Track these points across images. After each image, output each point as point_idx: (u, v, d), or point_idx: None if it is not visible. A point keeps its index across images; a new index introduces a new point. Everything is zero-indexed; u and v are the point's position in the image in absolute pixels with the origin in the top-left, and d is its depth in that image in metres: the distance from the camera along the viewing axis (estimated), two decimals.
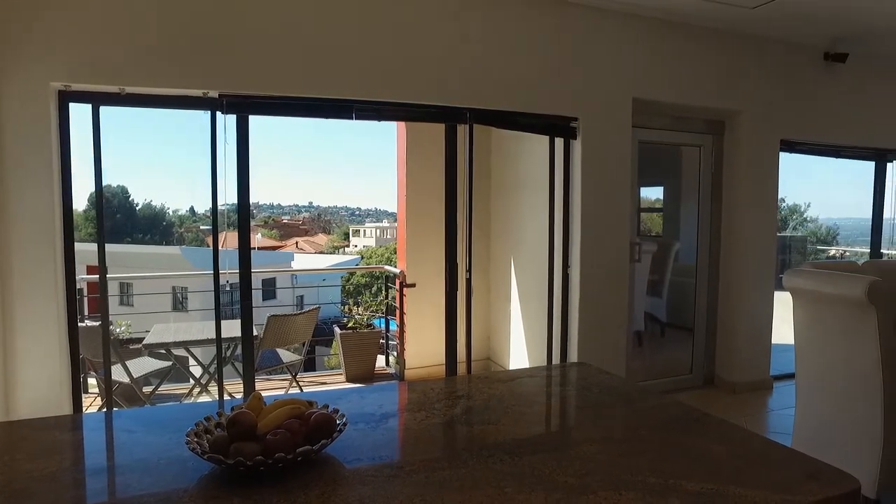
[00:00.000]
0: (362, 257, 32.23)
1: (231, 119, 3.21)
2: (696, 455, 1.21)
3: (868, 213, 5.64)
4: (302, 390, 4.46)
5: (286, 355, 4.55)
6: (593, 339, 4.09)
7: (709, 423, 1.40)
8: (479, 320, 5.35)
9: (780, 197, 4.99)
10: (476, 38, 3.65)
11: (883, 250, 5.83)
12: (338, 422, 1.24)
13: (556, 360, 4.22)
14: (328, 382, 5.22)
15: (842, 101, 5.07)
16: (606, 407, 1.51)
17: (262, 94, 3.23)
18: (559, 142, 4.09)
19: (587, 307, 4.05)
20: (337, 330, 5.25)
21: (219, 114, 3.15)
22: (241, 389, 3.83)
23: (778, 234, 14.76)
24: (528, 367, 1.93)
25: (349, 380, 5.13)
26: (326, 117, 3.46)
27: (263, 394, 1.31)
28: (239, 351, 3.66)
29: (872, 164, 5.46)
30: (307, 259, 28.74)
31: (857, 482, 1.10)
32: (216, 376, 3.87)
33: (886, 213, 5.48)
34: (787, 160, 5.00)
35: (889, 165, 5.46)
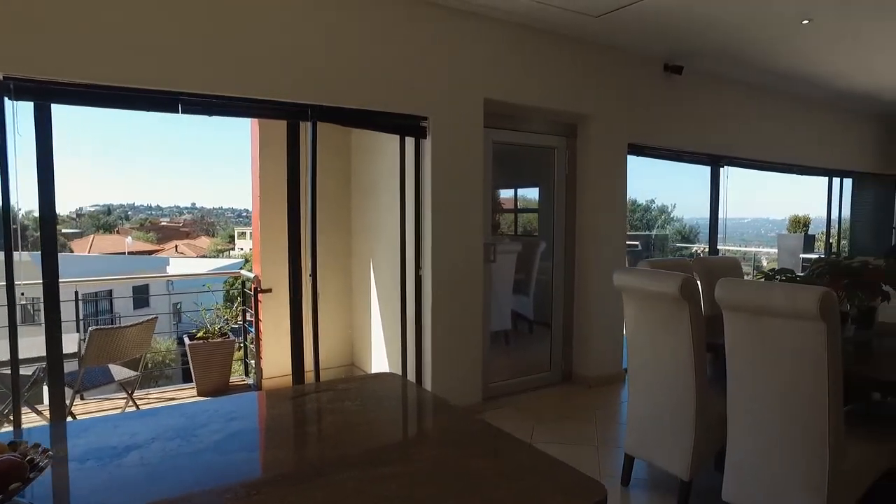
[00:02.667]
0: (247, 261, 30.76)
1: (26, 106, 2.81)
2: (458, 474, 1.13)
3: (722, 213, 6.10)
4: (138, 408, 4.06)
5: (122, 372, 4.12)
6: (448, 341, 4.06)
7: (485, 438, 1.33)
8: (342, 324, 5.17)
9: (651, 198, 5.25)
10: (321, 31, 3.47)
11: (719, 246, 6.33)
12: (40, 463, 1.04)
13: (411, 363, 4.14)
14: (177, 398, 4.81)
15: (680, 109, 5.44)
16: (390, 424, 1.40)
17: (65, 79, 2.85)
18: (410, 141, 4.01)
19: (441, 309, 4.01)
20: (186, 341, 4.85)
21: (6, 99, 2.74)
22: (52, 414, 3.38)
23: (645, 233, 15.73)
24: (334, 378, 1.82)
25: (201, 394, 4.76)
26: (147, 110, 3.12)
27: (93, 415, 1.08)
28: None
29: (709, 168, 5.91)
30: (187, 264, 26.93)
31: (604, 491, 1.08)
32: (28, 400, 3.39)
33: (721, 213, 5.96)
34: (659, 165, 5.28)
35: (721, 170, 5.94)
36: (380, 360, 4.68)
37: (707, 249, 6.52)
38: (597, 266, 4.88)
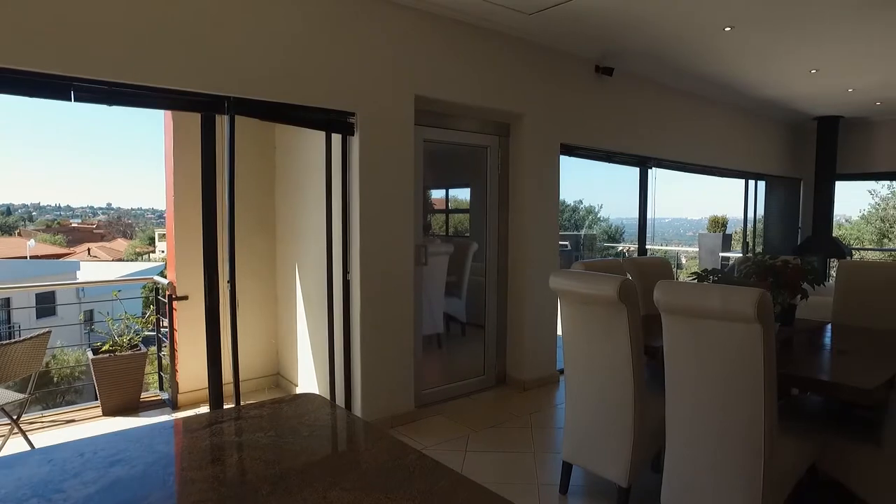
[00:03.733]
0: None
1: None
2: None
3: (650, 214, 6.21)
4: (26, 435, 3.61)
5: (5, 395, 3.65)
6: (378, 347, 3.87)
7: (418, 475, 1.17)
8: (266, 332, 4.87)
9: (578, 199, 5.25)
10: (240, 15, 3.20)
11: (647, 246, 6.46)
12: None
13: (339, 372, 3.92)
14: (79, 420, 4.35)
15: (611, 111, 5.49)
16: (306, 460, 1.21)
17: None
18: (337, 138, 3.79)
19: (370, 315, 3.81)
20: (90, 355, 4.40)
21: None
22: None
23: (574, 233, 16.06)
24: (249, 402, 1.60)
25: (107, 413, 4.33)
26: (32, 96, 2.76)
27: None
28: None
29: (637, 169, 6.01)
30: (100, 268, 25.19)
31: None
32: None
33: (649, 214, 6.08)
34: (585, 165, 5.27)
35: (649, 171, 6.05)
36: (307, 369, 4.43)
37: (632, 248, 6.66)
38: (530, 266, 4.83)
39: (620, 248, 16.40)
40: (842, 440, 2.56)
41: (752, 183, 8.03)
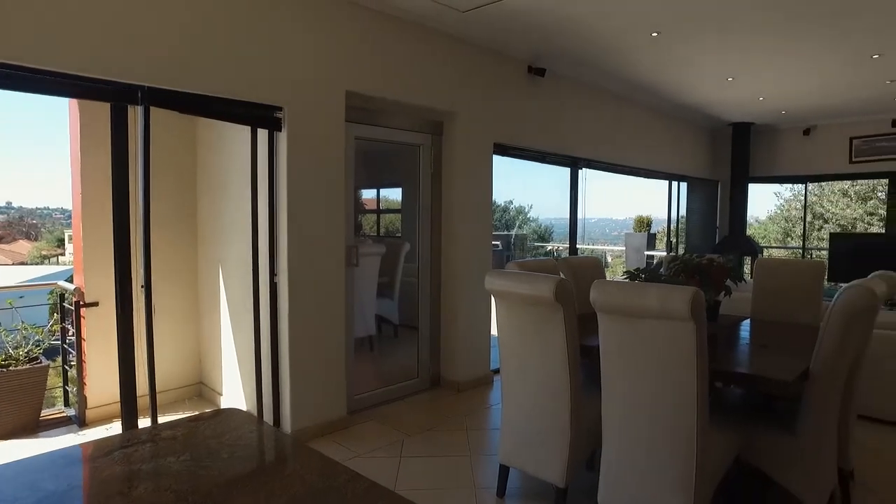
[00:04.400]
0: None
1: None
2: None
3: (580, 214, 6.31)
4: None
5: None
6: (308, 353, 3.71)
7: (351, 499, 1.07)
8: (188, 340, 4.58)
9: (509, 199, 5.25)
10: (158, 1, 2.96)
11: (578, 245, 6.59)
12: None
13: (267, 380, 3.73)
14: None
15: (543, 111, 5.54)
16: (224, 492, 1.08)
17: None
18: (263, 134, 3.60)
19: (299, 319, 3.65)
20: None
21: None
22: None
23: (506, 233, 16.24)
24: (163, 421, 1.46)
25: (1, 436, 3.92)
26: None
27: None
28: None
29: (568, 170, 6.11)
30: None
31: None
32: None
33: (580, 214, 6.20)
34: (515, 166, 5.28)
35: (580, 172, 6.17)
36: (233, 377, 4.19)
37: (562, 248, 6.79)
38: (463, 266, 4.80)
39: (550, 248, 16.77)
40: (762, 430, 2.66)
41: (675, 184, 8.37)
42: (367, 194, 5.03)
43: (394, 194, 5.11)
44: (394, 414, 4.26)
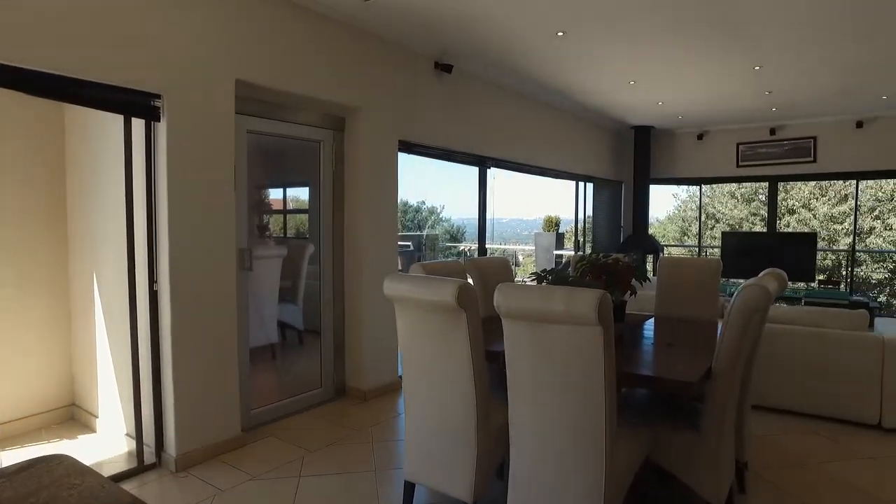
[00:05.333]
0: None
1: None
2: None
3: (489, 214, 6.25)
4: None
5: None
6: (194, 367, 3.36)
7: None
8: (58, 356, 4.05)
9: (421, 199, 5.08)
10: None
11: (487, 245, 6.55)
12: None
13: (147, 399, 3.34)
14: None
15: (450, 109, 5.43)
16: None
17: None
18: (139, 124, 3.21)
19: (183, 330, 3.29)
20: None
21: None
22: None
23: (417, 233, 16.12)
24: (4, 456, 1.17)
25: None
26: None
27: None
28: None
29: (476, 169, 6.04)
30: None
31: None
32: None
33: (489, 214, 6.14)
34: (427, 165, 5.11)
35: (488, 171, 6.12)
36: (110, 398, 3.74)
37: (474, 248, 6.72)
38: (367, 269, 4.58)
39: (462, 248, 16.83)
40: (668, 430, 2.65)
41: (581, 184, 8.56)
42: (276, 193, 4.71)
43: (304, 194, 4.82)
44: (295, 428, 3.97)
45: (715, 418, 2.50)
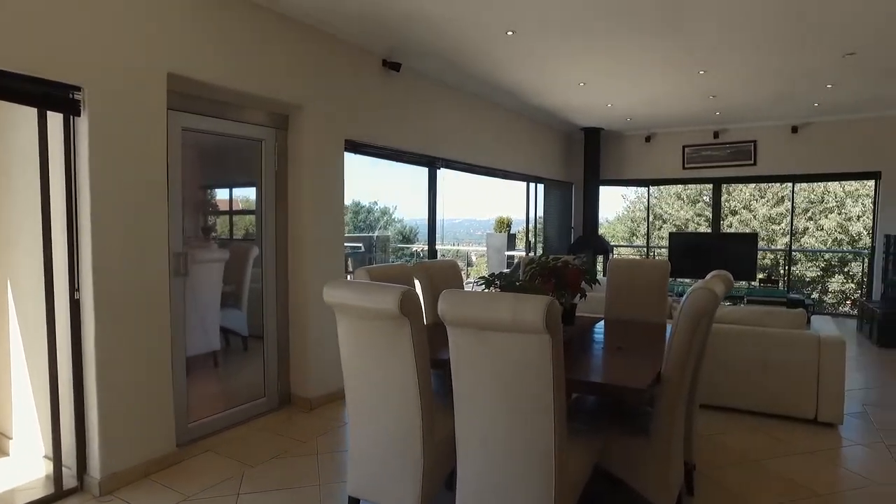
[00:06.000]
0: None
1: None
2: None
3: (440, 214, 6.16)
4: None
5: None
6: (121, 380, 3.12)
7: None
8: None
9: (374, 199, 4.94)
10: None
11: (440, 246, 6.46)
12: None
13: (68, 417, 3.08)
14: None
15: (399, 108, 5.31)
16: None
17: None
18: (56, 119, 2.96)
19: (109, 340, 3.05)
20: None
21: None
22: None
23: (368, 234, 15.88)
24: None
25: None
26: None
27: None
28: None
29: (426, 169, 5.94)
30: None
31: None
32: None
33: (441, 215, 6.06)
34: (382, 165, 4.97)
35: (438, 172, 6.03)
36: (26, 416, 3.45)
37: (426, 248, 6.63)
38: (312, 272, 4.41)
39: (415, 249, 16.72)
40: (618, 436, 2.61)
41: (532, 185, 8.57)
42: (225, 194, 4.49)
43: (253, 194, 4.60)
44: (236, 441, 3.77)
45: (665, 423, 2.47)
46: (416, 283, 3.64)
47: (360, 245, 12.77)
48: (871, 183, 8.54)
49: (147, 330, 3.24)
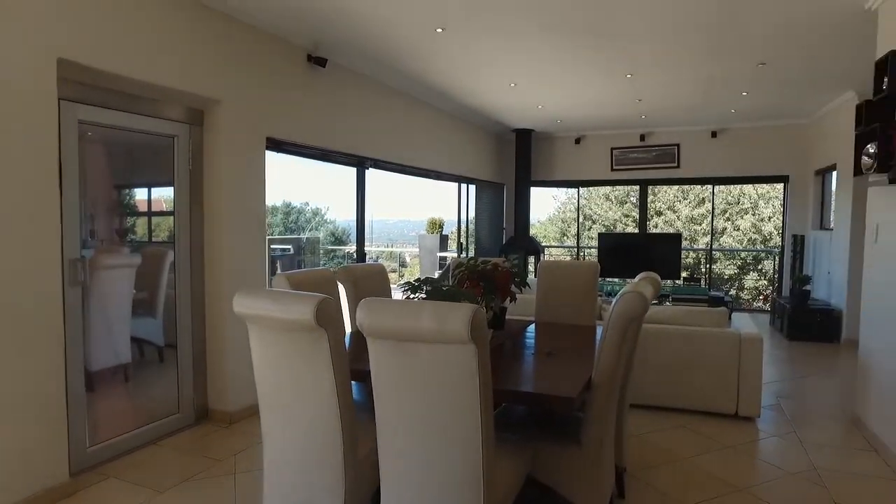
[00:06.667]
0: None
1: None
2: None
3: (376, 216, 5.98)
4: None
5: None
6: (2, 405, 2.78)
7: None
8: None
9: (305, 200, 4.70)
10: None
11: (376, 248, 6.27)
12: None
13: None
14: None
15: (326, 105, 5.09)
16: None
17: None
18: None
19: None
20: None
21: None
22: None
23: (296, 236, 15.41)
24: None
25: None
26: None
27: None
28: None
29: (354, 169, 5.74)
30: None
31: None
32: None
33: (378, 216, 5.88)
34: (314, 165, 4.73)
35: (367, 172, 5.85)
36: None
37: (353, 251, 6.44)
38: (231, 278, 4.13)
39: (347, 251, 16.38)
40: (549, 445, 2.54)
41: (464, 186, 8.52)
42: (144, 194, 4.15)
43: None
44: (144, 464, 3.46)
45: (596, 429, 2.42)
46: (341, 288, 3.47)
47: (289, 247, 12.37)
48: (781, 186, 9.03)
49: (35, 345, 2.90)
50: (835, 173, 7.20)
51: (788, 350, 6.59)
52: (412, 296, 2.67)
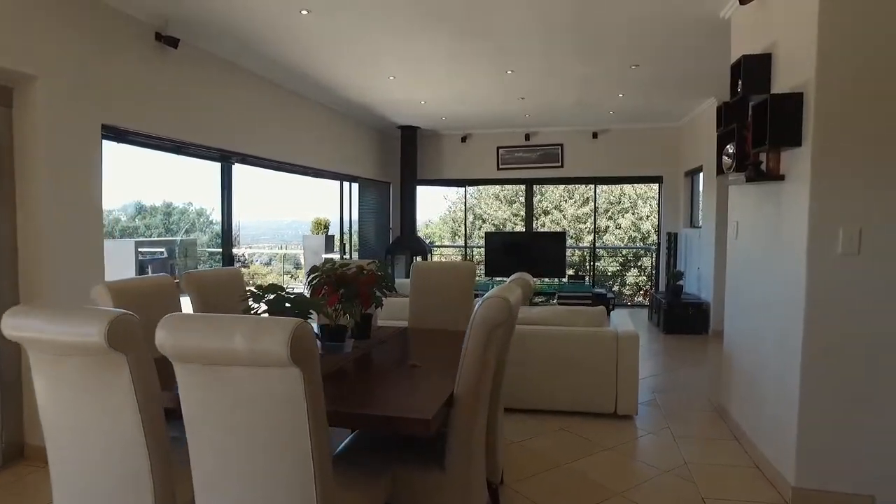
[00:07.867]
0: None
1: None
2: None
3: (267, 216, 5.45)
4: None
5: None
6: None
7: None
8: None
9: (188, 201, 4.09)
10: None
11: (267, 250, 5.75)
12: None
13: None
14: None
15: (180, 92, 4.55)
16: None
17: None
18: None
19: None
20: None
21: None
22: None
23: (170, 239, 14.23)
24: None
25: None
26: None
27: None
28: None
29: (219, 165, 5.21)
30: None
31: None
32: None
33: (236, 216, 5.37)
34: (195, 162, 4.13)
35: (233, 168, 5.34)
36: None
37: (249, 252, 5.88)
38: (54, 289, 3.51)
39: (241, 252, 15.37)
40: (410, 470, 2.27)
41: (346, 185, 8.13)
42: None
43: None
44: None
45: (461, 449, 2.18)
46: (187, 299, 3.03)
47: (162, 250, 11.34)
48: (656, 186, 9.48)
49: None
50: (701, 174, 7.61)
51: (664, 343, 6.84)
52: (254, 306, 2.31)
